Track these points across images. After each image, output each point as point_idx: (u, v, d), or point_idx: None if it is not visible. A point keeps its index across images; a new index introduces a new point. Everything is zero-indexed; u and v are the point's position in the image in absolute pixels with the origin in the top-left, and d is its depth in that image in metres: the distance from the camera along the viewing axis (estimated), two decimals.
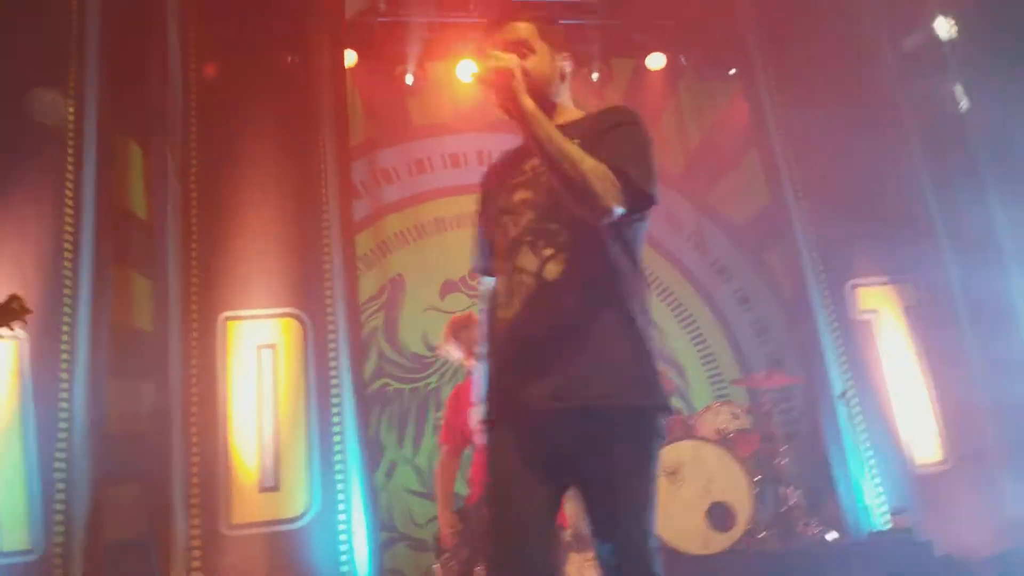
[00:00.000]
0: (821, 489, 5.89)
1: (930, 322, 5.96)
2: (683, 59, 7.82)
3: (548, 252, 2.15)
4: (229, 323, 5.35)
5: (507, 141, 7.56)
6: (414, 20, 7.41)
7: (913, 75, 6.34)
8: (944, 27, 6.35)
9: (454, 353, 4.40)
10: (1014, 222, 5.85)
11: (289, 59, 5.87)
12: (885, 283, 6.03)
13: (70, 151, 4.86)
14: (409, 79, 7.33)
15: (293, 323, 5.40)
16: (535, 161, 2.24)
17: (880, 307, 6.02)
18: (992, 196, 5.92)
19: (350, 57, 7.06)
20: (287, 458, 5.24)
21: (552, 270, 2.14)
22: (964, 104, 6.06)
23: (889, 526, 5.29)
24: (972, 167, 5.98)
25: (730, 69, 7.63)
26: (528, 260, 2.17)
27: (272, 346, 5.33)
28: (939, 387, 5.84)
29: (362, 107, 7.42)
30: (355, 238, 6.52)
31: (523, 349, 2.14)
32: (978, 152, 5.96)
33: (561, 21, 7.17)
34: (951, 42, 6.24)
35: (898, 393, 5.84)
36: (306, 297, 5.46)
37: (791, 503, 5.36)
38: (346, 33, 6.83)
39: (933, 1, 6.39)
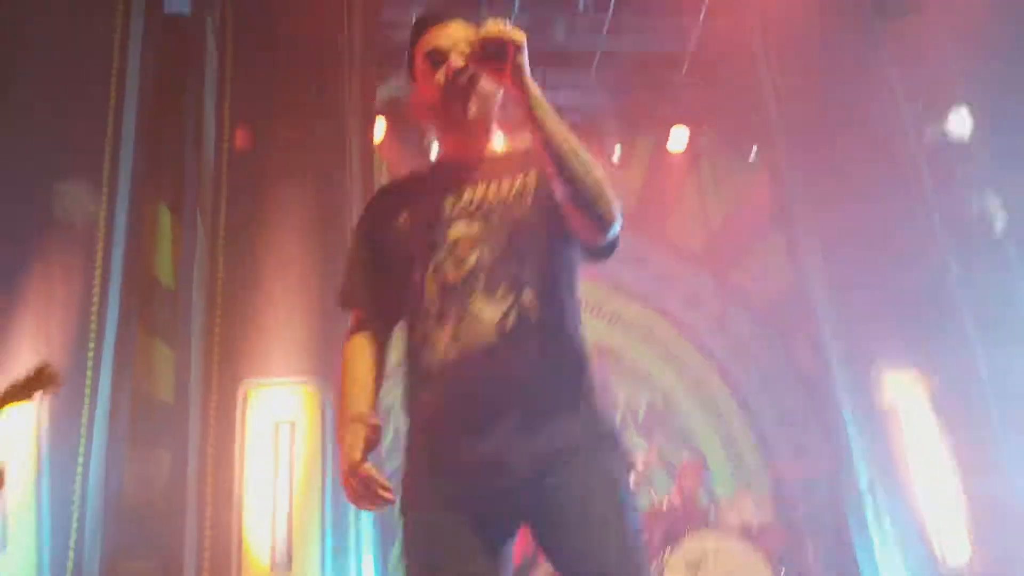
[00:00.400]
0: None
1: (957, 414, 5.84)
2: (706, 138, 7.90)
3: (508, 299, 1.86)
4: (249, 392, 5.30)
5: None
6: None
7: (939, 161, 6.34)
8: (961, 121, 6.39)
9: None
10: None
11: (319, 127, 5.90)
12: (911, 371, 5.94)
13: (102, 218, 4.90)
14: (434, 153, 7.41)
15: (313, 393, 5.35)
16: (480, 191, 1.95)
17: (906, 396, 5.92)
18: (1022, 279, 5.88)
19: (380, 129, 7.16)
20: (300, 536, 5.12)
21: (514, 319, 1.85)
22: (991, 198, 6.05)
23: None
24: (1003, 257, 5.94)
25: (752, 148, 7.66)
26: (483, 307, 1.85)
27: (291, 422, 5.27)
28: (967, 483, 5.70)
29: (388, 177, 7.48)
30: None
31: (484, 407, 1.83)
32: (1009, 243, 5.94)
33: (584, 100, 7.40)
34: (976, 131, 6.26)
35: (926, 488, 5.70)
36: (327, 367, 5.42)
37: None
38: (377, 104, 6.93)
39: (957, 88, 6.41)
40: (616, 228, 1.92)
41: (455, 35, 1.96)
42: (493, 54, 1.77)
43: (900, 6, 6.71)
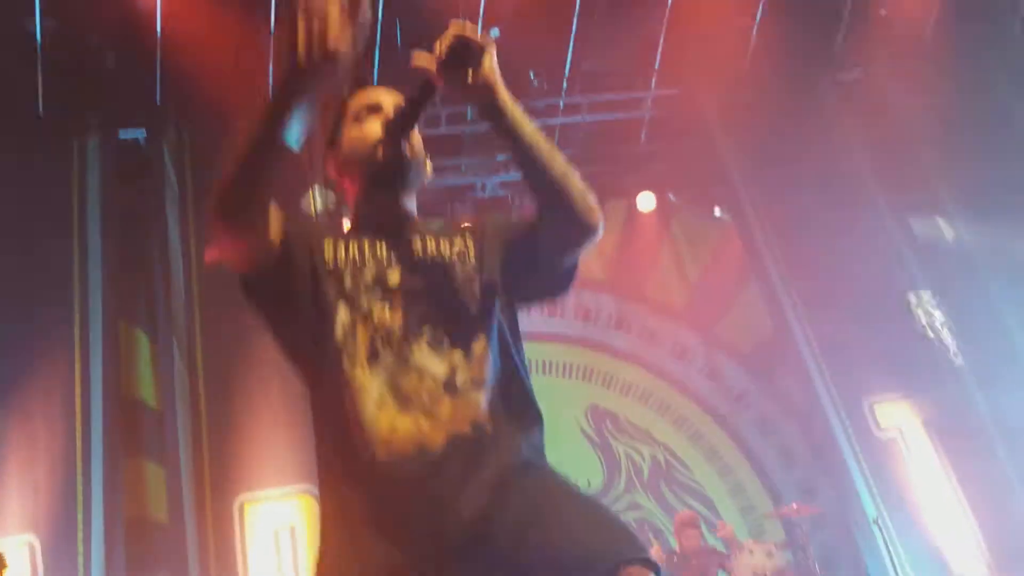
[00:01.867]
0: None
1: (955, 435, 5.83)
2: (672, 198, 8.04)
3: (457, 355, 1.72)
4: (246, 506, 5.26)
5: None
6: None
7: (898, 195, 6.49)
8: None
9: None
10: None
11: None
12: (902, 399, 5.95)
13: (77, 347, 4.95)
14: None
15: (310, 500, 5.31)
16: (418, 245, 1.84)
17: (901, 423, 5.92)
18: (1003, 307, 5.97)
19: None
20: None
21: (464, 377, 1.71)
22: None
23: None
24: (977, 282, 6.05)
25: (718, 206, 7.79)
26: (431, 362, 1.70)
27: (290, 528, 5.22)
28: (976, 504, 5.65)
29: None
30: None
31: (437, 476, 1.62)
32: (981, 268, 6.05)
33: None
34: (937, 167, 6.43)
35: (935, 514, 5.63)
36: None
37: None
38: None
39: (908, 130, 6.59)
40: (600, 229, 1.81)
41: (387, 96, 1.90)
42: (461, 57, 1.65)
43: (844, 61, 6.97)
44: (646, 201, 7.93)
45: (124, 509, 4.97)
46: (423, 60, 1.66)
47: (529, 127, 1.74)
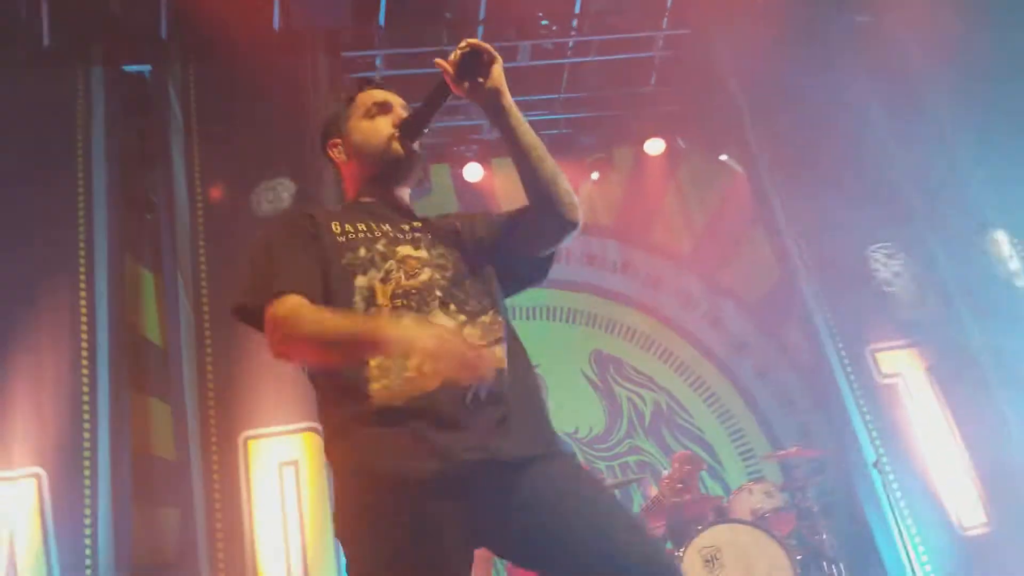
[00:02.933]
0: (865, 562, 5.69)
1: (955, 380, 5.85)
2: (681, 142, 7.97)
3: (461, 318, 1.91)
4: (250, 443, 5.32)
5: None
6: None
7: (907, 143, 6.41)
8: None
9: None
10: None
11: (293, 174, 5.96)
12: (904, 346, 5.95)
13: (83, 284, 4.96)
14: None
15: (313, 437, 5.36)
16: (419, 224, 2.08)
17: (902, 370, 5.93)
18: (1002, 254, 5.95)
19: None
20: (317, 572, 5.13)
21: (471, 333, 1.89)
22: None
23: None
24: (981, 231, 6.02)
25: (725, 149, 7.72)
26: (444, 320, 1.89)
27: (294, 463, 5.28)
28: (973, 446, 5.69)
29: None
30: None
31: (458, 405, 1.81)
32: (986, 216, 6.01)
33: (559, 116, 7.51)
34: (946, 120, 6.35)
35: (933, 456, 5.69)
36: None
37: None
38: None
39: (918, 66, 6.50)
40: (579, 225, 2.04)
41: (394, 98, 2.17)
42: (473, 65, 1.94)
43: (860, 5, 6.84)
44: (654, 146, 7.87)
45: (130, 445, 5.02)
46: (442, 64, 1.96)
47: (528, 130, 2.01)
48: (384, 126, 2.09)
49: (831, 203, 6.22)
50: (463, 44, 1.93)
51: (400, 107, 2.14)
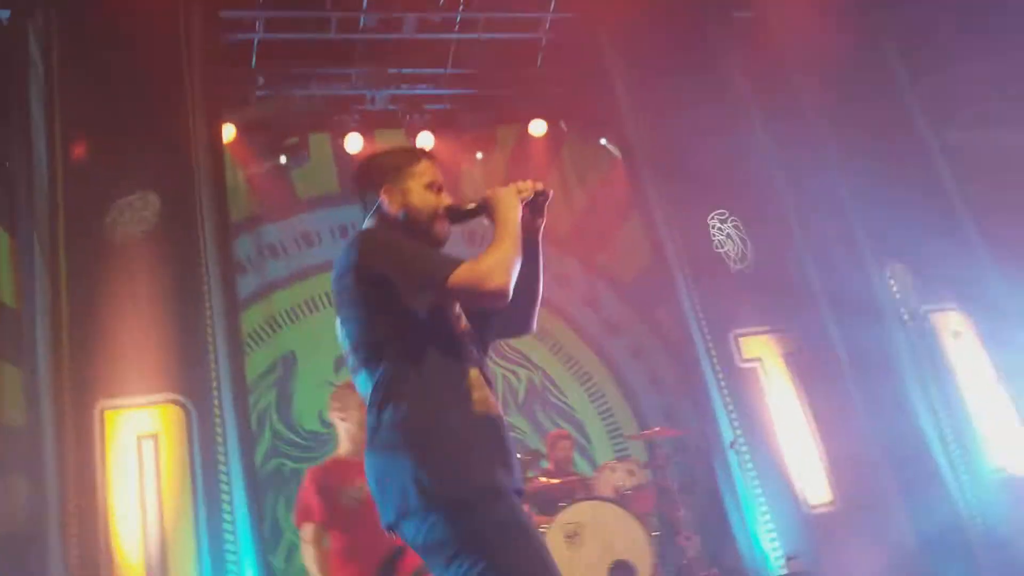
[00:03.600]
0: (720, 538, 5.96)
1: (811, 368, 6.18)
2: (563, 125, 8.07)
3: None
4: (107, 414, 5.10)
5: None
6: (295, 93, 7.43)
7: (779, 137, 6.68)
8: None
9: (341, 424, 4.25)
10: (888, 280, 6.22)
11: (162, 135, 5.71)
12: (766, 332, 6.24)
13: None
14: (283, 159, 7.32)
15: (175, 410, 5.18)
16: None
17: (762, 355, 6.22)
18: (864, 251, 6.29)
19: (228, 131, 7.01)
20: (175, 551, 4.97)
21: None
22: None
23: (784, 572, 5.38)
24: (847, 226, 6.34)
25: (605, 136, 7.86)
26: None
27: (154, 435, 5.10)
28: (824, 430, 6.04)
29: (244, 182, 7.34)
30: (241, 316, 6.40)
31: (505, 437, 2.25)
32: (855, 220, 6.33)
33: (444, 91, 7.45)
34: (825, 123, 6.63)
35: (786, 438, 6.00)
36: (188, 381, 5.25)
37: (691, 555, 5.40)
38: (223, 107, 6.78)
39: (794, 64, 6.77)
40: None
41: (440, 174, 2.49)
42: (537, 202, 2.48)
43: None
44: (537, 127, 7.93)
45: None
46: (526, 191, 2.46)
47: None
48: (439, 204, 2.41)
49: (703, 190, 6.44)
50: (540, 187, 2.48)
51: (458, 206, 2.50)
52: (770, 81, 6.78)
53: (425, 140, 7.53)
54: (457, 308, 2.32)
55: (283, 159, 7.35)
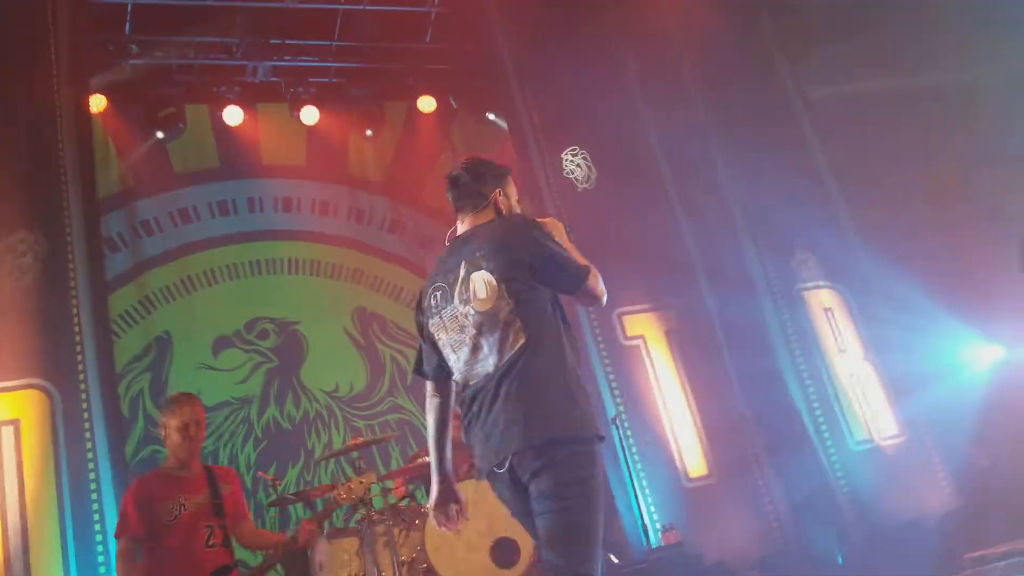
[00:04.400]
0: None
1: (690, 344, 6.36)
2: (453, 102, 7.97)
3: None
4: None
5: (279, 186, 7.36)
6: (172, 63, 7.11)
7: (669, 126, 6.78)
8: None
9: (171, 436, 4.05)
10: (763, 258, 6.42)
11: (25, 105, 5.39)
12: (648, 310, 6.36)
13: None
14: (159, 134, 7.01)
15: (38, 395, 4.93)
16: None
17: (645, 332, 6.35)
18: (742, 232, 6.47)
19: (99, 102, 6.67)
20: (38, 542, 4.74)
21: None
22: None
23: (661, 543, 5.52)
24: (726, 210, 6.51)
25: (493, 111, 7.81)
26: None
27: (13, 422, 4.83)
28: (702, 404, 6.22)
29: (116, 155, 6.99)
30: (111, 296, 6.13)
31: None
32: (730, 198, 6.49)
33: (329, 64, 7.25)
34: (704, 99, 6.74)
35: (666, 412, 6.16)
36: (52, 365, 4.99)
37: None
38: (93, 76, 6.45)
39: (685, 55, 6.86)
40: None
41: None
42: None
43: None
44: (427, 103, 7.82)
45: None
46: None
47: None
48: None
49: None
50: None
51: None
52: (654, 58, 6.87)
53: (309, 115, 7.33)
54: None
55: (159, 134, 7.03)
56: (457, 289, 2.62)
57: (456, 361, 2.66)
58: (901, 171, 6.25)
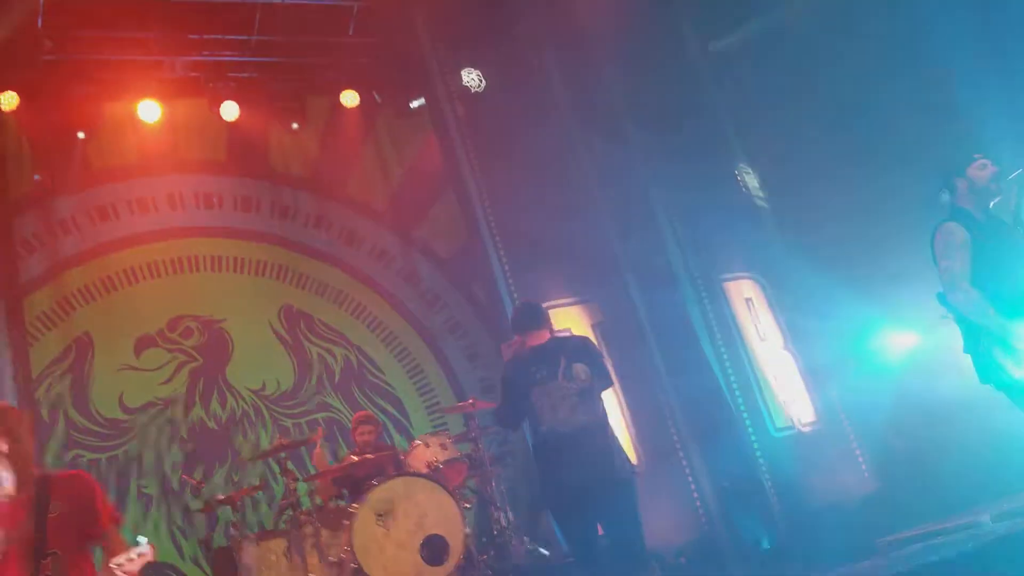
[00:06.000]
0: (533, 507, 6.12)
1: (616, 336, 6.44)
2: (377, 97, 7.91)
3: None
4: None
5: (199, 182, 7.20)
6: (87, 58, 6.91)
7: (592, 126, 6.85)
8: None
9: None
10: (684, 250, 6.54)
11: None
12: (574, 303, 6.43)
13: None
14: (81, 134, 6.83)
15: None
16: None
17: (571, 325, 6.41)
18: (664, 226, 6.58)
19: (11, 99, 6.47)
20: None
21: None
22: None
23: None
24: (648, 204, 6.61)
25: (415, 102, 7.77)
26: None
27: None
28: (628, 394, 6.32)
29: (31, 152, 6.77)
30: (26, 298, 5.96)
31: None
32: (651, 190, 6.60)
33: (249, 59, 7.12)
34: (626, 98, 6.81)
35: None
36: None
37: (503, 525, 5.50)
38: (4, 72, 6.24)
39: (604, 53, 6.92)
40: None
41: None
42: None
43: None
44: (350, 98, 7.74)
45: None
46: None
47: None
48: None
49: (519, 173, 6.55)
50: None
51: None
52: (576, 57, 6.93)
53: (229, 110, 7.20)
54: None
55: (81, 134, 6.85)
56: (561, 371, 4.02)
57: (551, 415, 4.01)
58: (815, 160, 6.37)
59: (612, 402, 6.26)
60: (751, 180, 6.86)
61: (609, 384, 4.37)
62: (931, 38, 5.90)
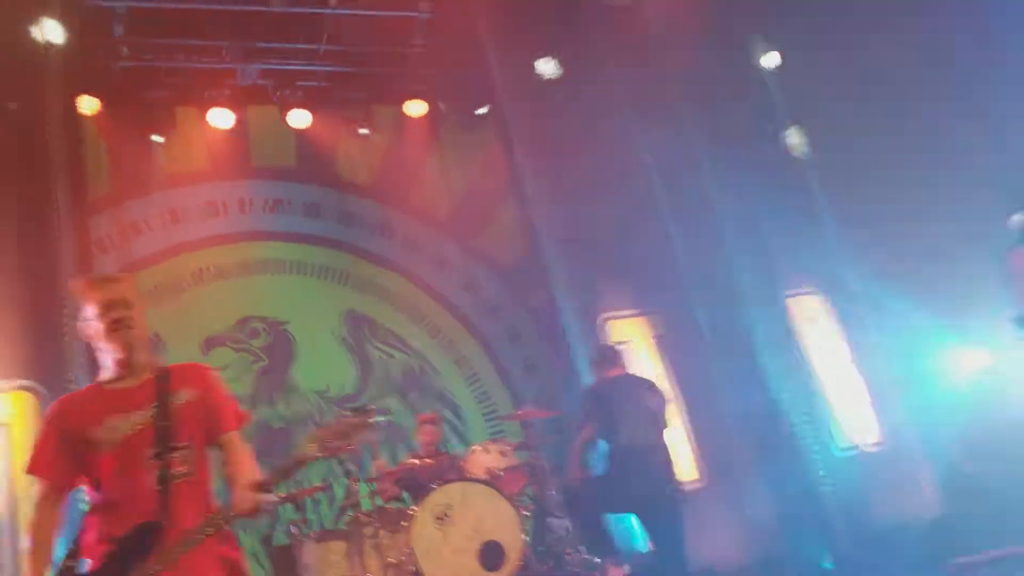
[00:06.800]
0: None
1: (677, 348, 6.39)
2: (442, 106, 7.99)
3: None
4: None
5: (268, 188, 7.35)
6: (162, 65, 7.11)
7: (659, 137, 6.82)
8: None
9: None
10: (749, 265, 6.47)
11: (12, 106, 5.39)
12: (634, 315, 6.40)
13: None
14: (157, 138, 7.03)
15: (28, 396, 4.93)
16: None
17: (632, 337, 6.38)
18: (729, 240, 6.52)
19: (91, 104, 6.68)
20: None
21: None
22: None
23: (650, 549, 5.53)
24: (712, 217, 6.55)
25: (480, 112, 7.82)
26: None
27: (4, 425, 4.83)
28: (690, 408, 6.25)
29: (107, 156, 6.98)
30: None
31: None
32: (716, 203, 6.54)
33: (318, 67, 7.25)
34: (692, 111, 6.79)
35: None
36: (42, 367, 5.00)
37: (560, 534, 5.48)
38: (83, 78, 6.45)
39: (662, 48, 6.90)
40: None
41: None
42: None
43: None
44: (416, 108, 7.84)
45: None
46: None
47: None
48: None
49: (581, 183, 6.55)
50: None
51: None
52: (641, 67, 6.91)
53: (299, 118, 7.35)
54: None
55: (155, 137, 7.06)
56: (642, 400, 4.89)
57: (632, 431, 4.76)
58: (885, 180, 6.27)
59: (675, 416, 6.19)
60: (818, 194, 6.75)
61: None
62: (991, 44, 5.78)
